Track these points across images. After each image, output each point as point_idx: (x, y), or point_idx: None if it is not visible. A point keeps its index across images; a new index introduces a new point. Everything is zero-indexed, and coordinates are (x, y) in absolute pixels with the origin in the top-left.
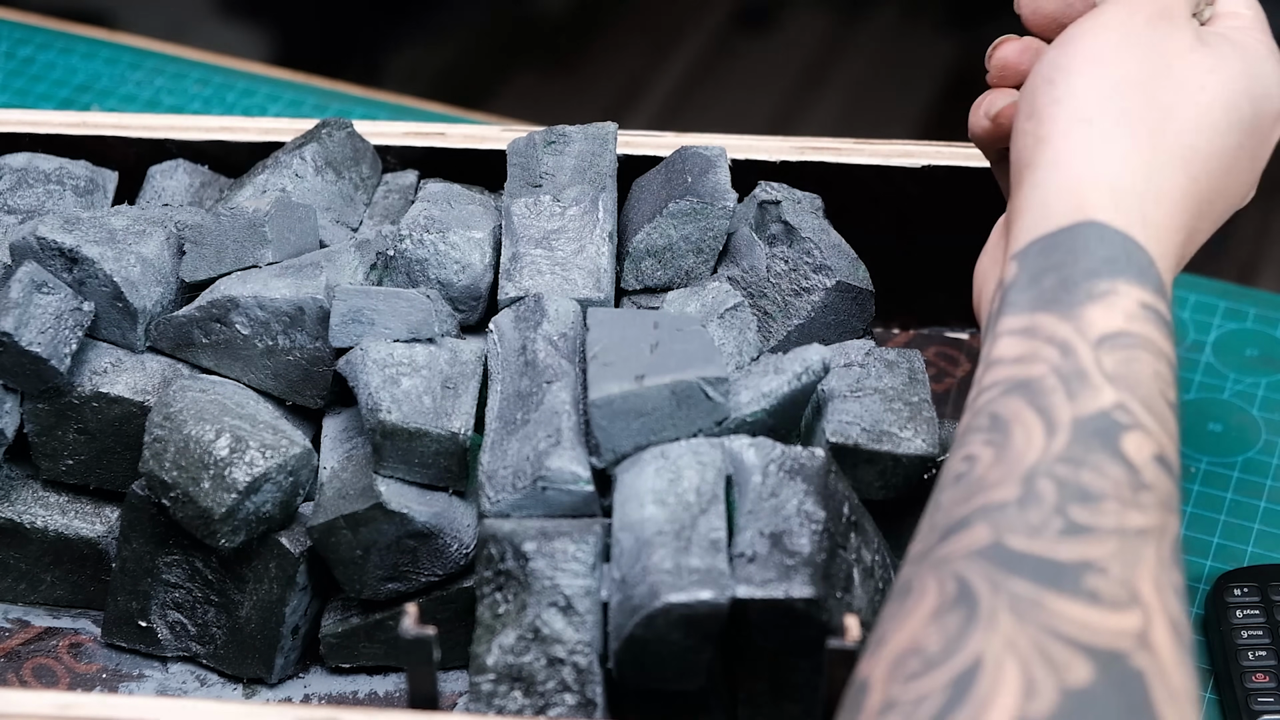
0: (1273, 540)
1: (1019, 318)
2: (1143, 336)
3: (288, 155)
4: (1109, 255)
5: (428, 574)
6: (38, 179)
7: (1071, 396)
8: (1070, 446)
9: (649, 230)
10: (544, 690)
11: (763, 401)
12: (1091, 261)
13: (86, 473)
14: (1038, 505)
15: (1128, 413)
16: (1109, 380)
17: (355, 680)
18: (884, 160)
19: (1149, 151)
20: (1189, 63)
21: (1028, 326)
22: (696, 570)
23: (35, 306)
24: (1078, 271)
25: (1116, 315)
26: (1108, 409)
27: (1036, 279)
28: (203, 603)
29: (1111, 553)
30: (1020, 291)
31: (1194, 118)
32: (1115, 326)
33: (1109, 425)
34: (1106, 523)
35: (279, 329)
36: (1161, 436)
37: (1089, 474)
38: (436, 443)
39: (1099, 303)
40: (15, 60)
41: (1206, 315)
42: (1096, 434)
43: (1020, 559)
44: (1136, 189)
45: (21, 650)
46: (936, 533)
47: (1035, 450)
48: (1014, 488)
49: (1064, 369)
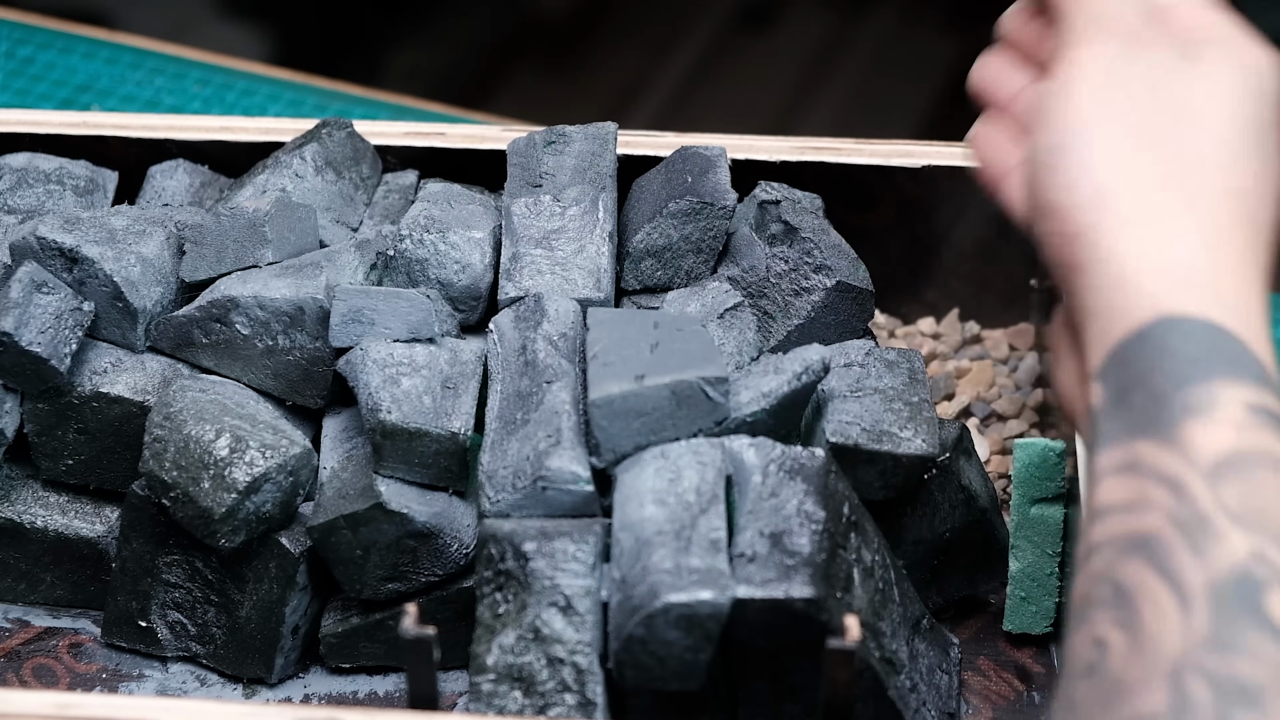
0: None
1: (1116, 451)
2: (1260, 452)
3: (288, 155)
4: (1194, 353)
5: (428, 574)
6: (38, 179)
7: (1198, 553)
8: (1213, 625)
9: (649, 230)
10: (544, 690)
11: (763, 401)
12: (1177, 365)
13: (86, 473)
14: (1194, 716)
15: (1265, 563)
16: (1235, 523)
17: (355, 680)
18: (884, 160)
19: (1190, 206)
20: (1185, 88)
21: (1128, 462)
22: (696, 570)
23: (35, 306)
24: (1165, 382)
25: (1224, 430)
26: (1243, 564)
27: (1122, 399)
28: (203, 603)
29: None
30: (1109, 418)
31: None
32: (1227, 446)
33: (1249, 587)
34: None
35: (279, 329)
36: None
37: (1244, 662)
38: (436, 443)
39: (1200, 418)
40: (15, 60)
41: None
42: (1238, 602)
43: None
44: (1196, 258)
45: (21, 650)
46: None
47: (1173, 634)
48: (1161, 693)
49: (1181, 516)
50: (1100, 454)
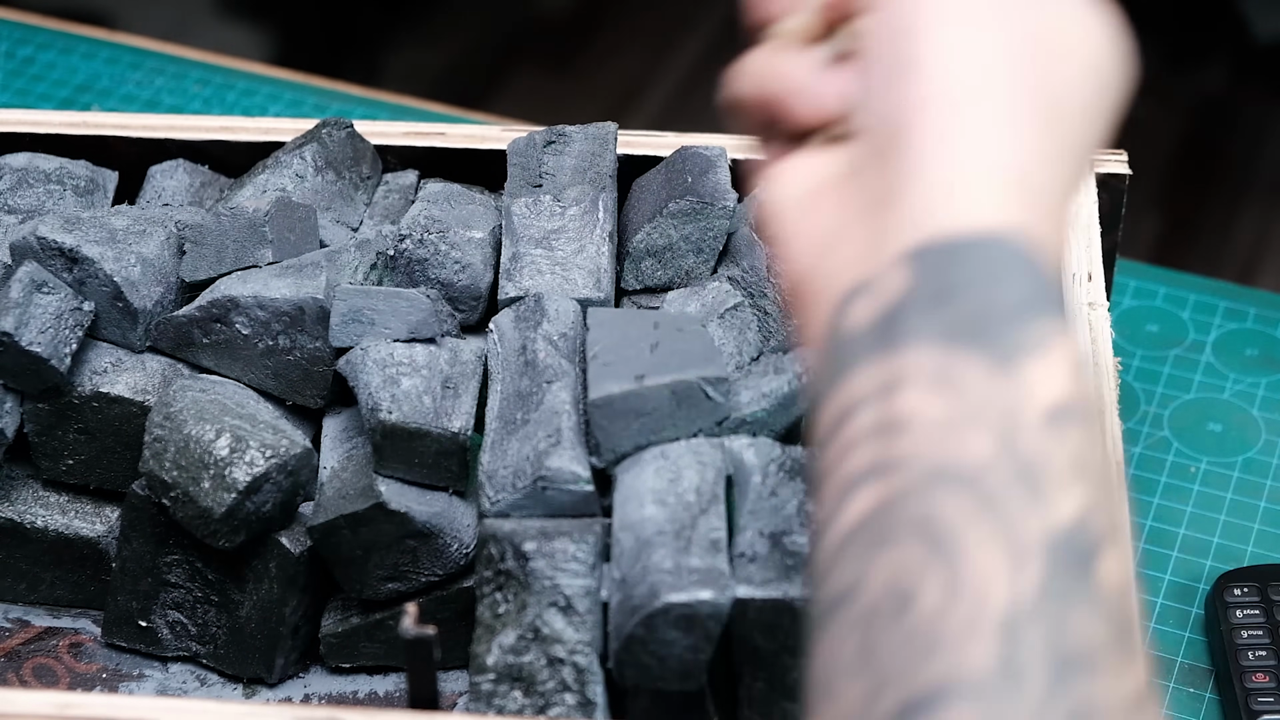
0: (1273, 540)
1: (929, 353)
2: (1087, 405)
3: (288, 155)
4: (1034, 286)
5: (428, 574)
6: (38, 179)
7: (1032, 502)
8: (1047, 584)
9: (649, 230)
10: (544, 690)
11: (763, 401)
12: (1015, 292)
13: (86, 473)
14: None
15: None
16: (1072, 477)
17: (355, 680)
18: None
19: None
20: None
21: (944, 373)
22: (696, 570)
23: (35, 306)
24: (1000, 303)
25: (1061, 377)
26: (1078, 521)
27: (942, 299)
28: (203, 602)
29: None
30: (922, 314)
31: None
32: (1064, 394)
33: (1083, 547)
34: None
35: (279, 329)
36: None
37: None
38: (436, 443)
39: (1039, 358)
40: (15, 60)
41: (1206, 315)
42: (1073, 561)
43: None
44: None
45: (21, 650)
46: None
47: (1001, 587)
48: (989, 645)
49: (1015, 458)
50: (905, 348)
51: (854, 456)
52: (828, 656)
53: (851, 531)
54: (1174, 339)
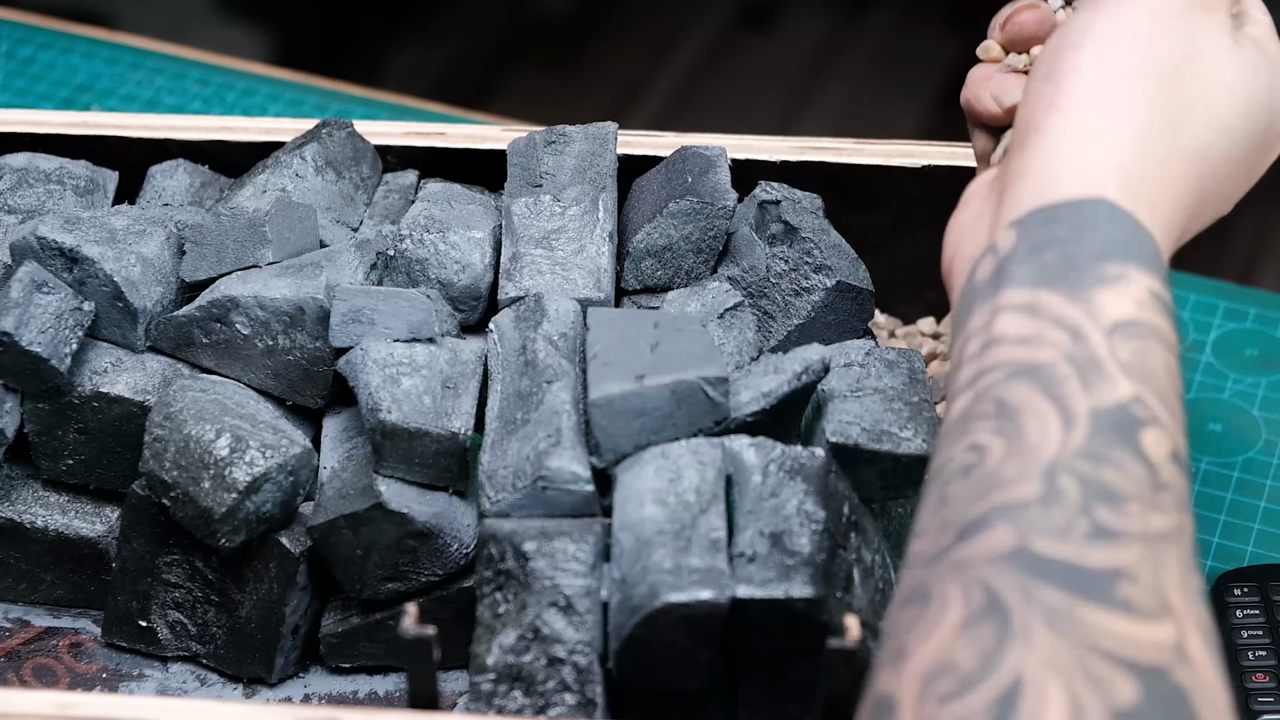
0: (1273, 540)
1: (1021, 292)
2: (1154, 327)
3: (288, 155)
4: (1120, 238)
5: (428, 574)
6: (38, 179)
7: (1087, 386)
8: (1090, 440)
9: (649, 230)
10: (544, 690)
11: (763, 401)
12: (1101, 242)
13: (86, 473)
14: (1061, 505)
15: (1145, 407)
16: (1124, 371)
17: (355, 680)
18: (884, 160)
19: (1166, 141)
20: (1220, 61)
21: (1031, 303)
22: (696, 570)
23: (35, 306)
24: (1086, 250)
25: (1128, 302)
26: (1125, 402)
27: (1038, 251)
28: (203, 602)
29: (1140, 558)
30: (1020, 263)
31: (1214, 118)
32: (1128, 314)
33: (1128, 420)
34: (1132, 526)
35: (279, 329)
36: (1176, 432)
37: (1111, 472)
38: (436, 442)
39: (1111, 287)
40: (15, 60)
41: (1206, 315)
42: (1116, 428)
43: (1049, 565)
44: (1148, 175)
45: (21, 650)
46: (951, 532)
47: (1053, 443)
48: (1034, 484)
49: (1077, 356)
50: (1004, 291)
51: (962, 373)
52: (920, 512)
53: (950, 424)
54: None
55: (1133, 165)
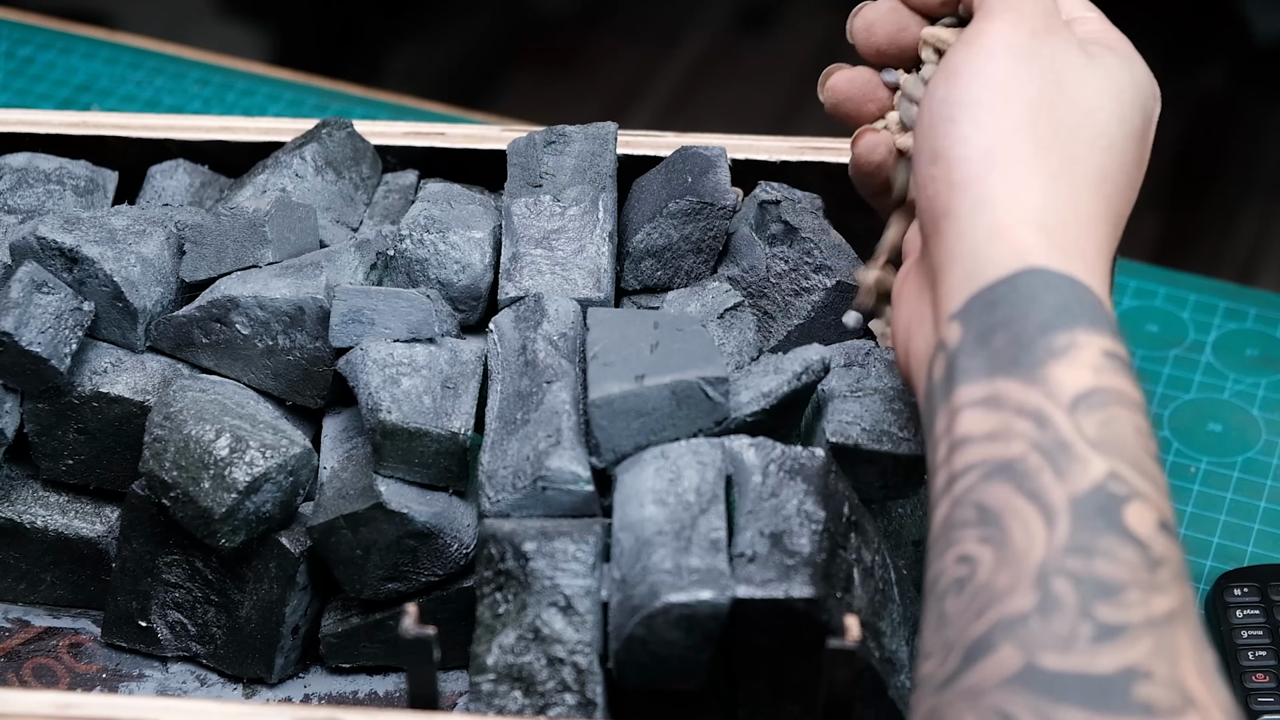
0: (1273, 540)
1: (977, 386)
2: (1115, 390)
3: (288, 155)
4: (1058, 303)
5: (428, 574)
6: (38, 179)
7: (1060, 474)
8: (1075, 533)
9: (649, 230)
10: (544, 690)
11: (763, 401)
12: (1042, 313)
13: (86, 473)
14: (1060, 612)
15: (1122, 482)
16: (1094, 448)
17: (355, 680)
18: None
19: (1067, 180)
20: (1081, 80)
21: (990, 396)
22: (696, 570)
23: (35, 306)
24: (1030, 326)
25: (1083, 371)
26: (1101, 482)
27: (985, 339)
28: (203, 603)
29: (1150, 651)
30: (970, 356)
31: (1097, 136)
32: (1085, 384)
33: (1107, 501)
34: (1136, 616)
35: (279, 329)
36: (1158, 499)
37: (1103, 563)
38: (436, 443)
39: (1062, 359)
40: (15, 60)
41: (1206, 315)
42: (1097, 513)
43: (1061, 681)
44: (1066, 223)
45: (21, 650)
46: (956, 655)
47: (1039, 544)
48: (1029, 594)
49: (1044, 443)
50: (959, 388)
51: (937, 480)
52: (923, 630)
53: (935, 535)
54: (1174, 339)
55: (1048, 220)
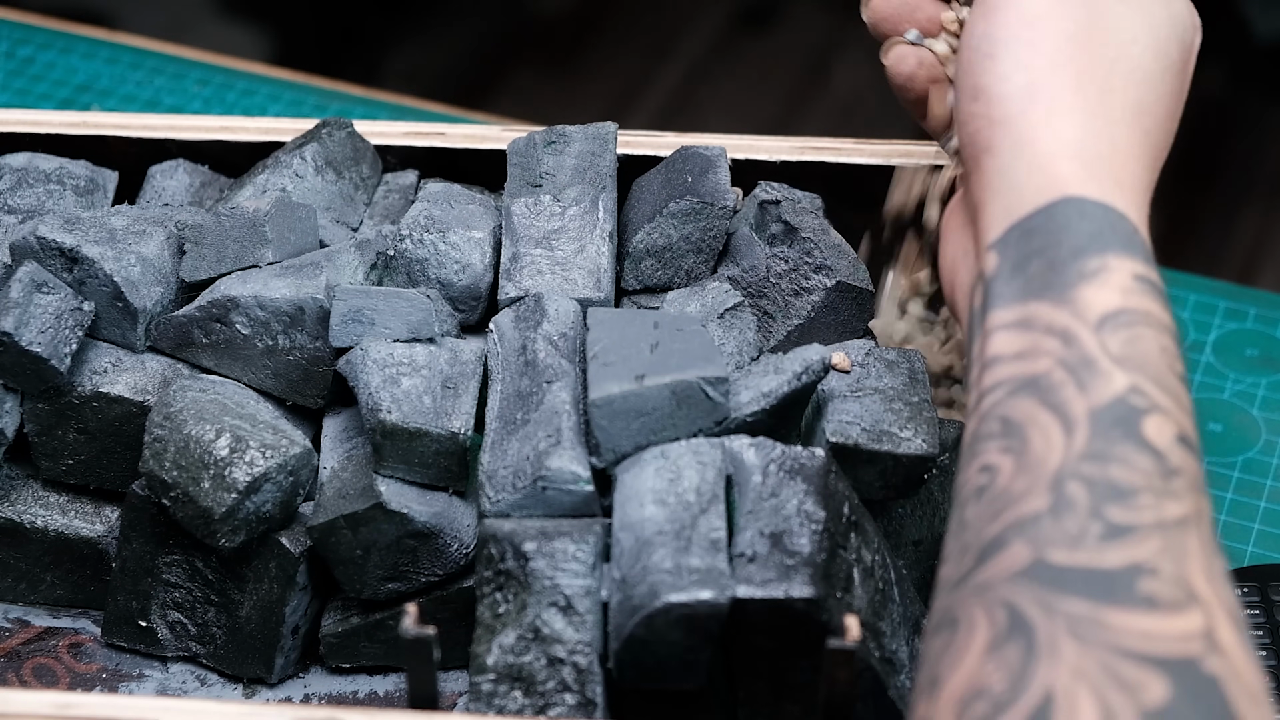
0: (1273, 540)
1: (1010, 310)
2: (1142, 311)
3: (288, 155)
4: (1093, 230)
5: (428, 574)
6: (38, 179)
7: (1083, 387)
8: (1092, 441)
9: (649, 230)
10: (544, 690)
11: (763, 401)
12: (1076, 239)
13: (86, 473)
14: (1072, 512)
15: (1143, 395)
16: (1117, 364)
17: (355, 680)
18: (884, 160)
19: (1105, 113)
20: (1118, 13)
21: (1022, 319)
22: (696, 570)
23: (35, 306)
24: (1064, 251)
25: (1112, 292)
26: (1122, 395)
27: (1021, 266)
28: (203, 602)
29: (1158, 550)
30: (1005, 282)
31: (1134, 70)
32: (1113, 305)
33: (1127, 412)
34: (1146, 518)
35: (279, 329)
36: (1179, 414)
37: (1117, 468)
38: (436, 443)
39: (1092, 281)
40: (15, 60)
41: (1206, 315)
42: (1116, 423)
43: (1067, 574)
44: (1103, 155)
45: (21, 650)
46: (970, 555)
47: (1057, 452)
48: (1043, 496)
49: (1069, 359)
50: (992, 313)
51: (970, 399)
52: (945, 538)
53: (963, 449)
54: None
55: (1085, 152)
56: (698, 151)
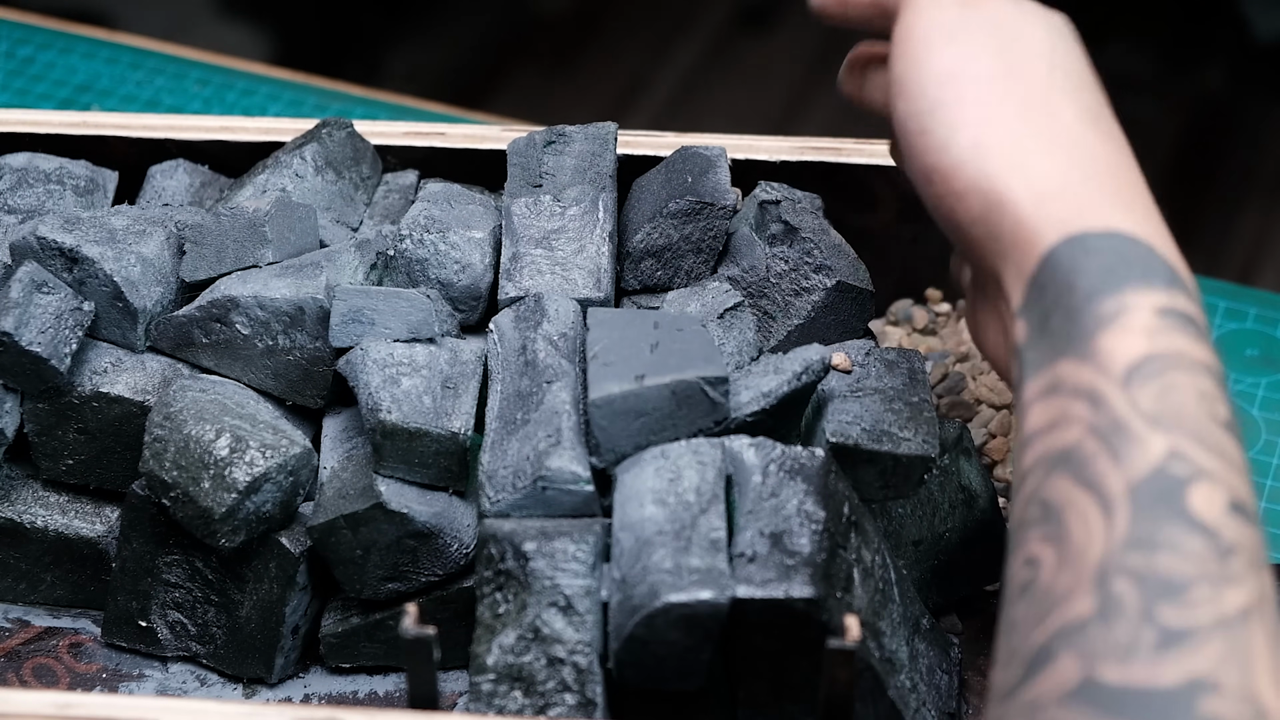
0: (1273, 540)
1: (1040, 377)
2: (1173, 353)
3: (288, 155)
4: (1104, 265)
5: (428, 574)
6: (38, 179)
7: (1117, 458)
8: (1135, 524)
9: (649, 230)
10: (544, 690)
11: (763, 401)
12: (1088, 279)
13: (86, 473)
14: (1121, 616)
15: (1185, 460)
16: (1152, 424)
17: (355, 680)
18: (884, 160)
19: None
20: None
21: (1050, 384)
22: (696, 570)
23: (35, 306)
24: (1078, 297)
25: (1136, 337)
26: (1162, 463)
27: (1043, 326)
28: (203, 602)
29: (1220, 657)
30: (1032, 349)
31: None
32: (1138, 352)
33: (1169, 484)
34: (1204, 617)
35: (279, 329)
36: (1228, 475)
37: (1166, 557)
38: (436, 443)
39: (1112, 327)
40: (15, 60)
41: (1206, 315)
42: (1159, 499)
43: (1122, 697)
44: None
45: (21, 650)
46: (1018, 664)
47: (1098, 540)
48: (1089, 597)
49: (1100, 425)
50: (1026, 384)
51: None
52: (996, 636)
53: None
54: None
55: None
56: (698, 151)
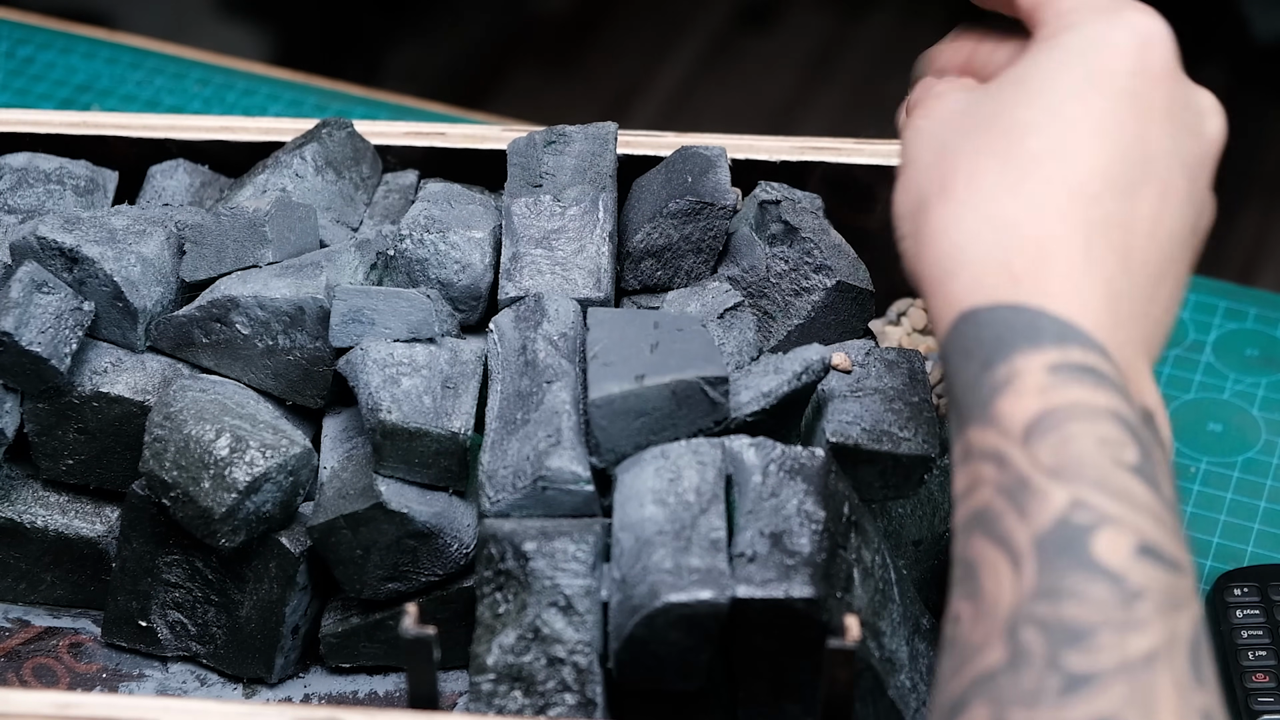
0: (1273, 540)
1: (957, 445)
2: (1068, 405)
3: (288, 155)
4: (992, 336)
5: (428, 574)
6: (38, 179)
7: (1023, 514)
8: (1041, 575)
9: (649, 230)
10: (544, 690)
11: (763, 401)
12: (981, 352)
13: (86, 473)
14: (1028, 664)
15: (1086, 509)
16: (1052, 477)
17: (355, 680)
18: (884, 160)
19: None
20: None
21: (963, 450)
22: (696, 570)
23: (35, 306)
24: (973, 369)
25: (1028, 397)
26: (1064, 514)
27: (954, 399)
28: (203, 602)
29: (1124, 700)
30: (950, 422)
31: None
32: (1032, 410)
33: (1072, 534)
34: (1107, 661)
35: (279, 329)
36: (1135, 519)
37: (1070, 605)
38: (436, 443)
39: (1005, 392)
40: (15, 60)
41: (1206, 315)
42: (1063, 549)
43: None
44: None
45: (21, 650)
46: (939, 715)
47: (1008, 592)
48: (999, 648)
49: (1005, 483)
50: (951, 453)
51: None
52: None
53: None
54: (1174, 339)
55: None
56: (698, 151)
